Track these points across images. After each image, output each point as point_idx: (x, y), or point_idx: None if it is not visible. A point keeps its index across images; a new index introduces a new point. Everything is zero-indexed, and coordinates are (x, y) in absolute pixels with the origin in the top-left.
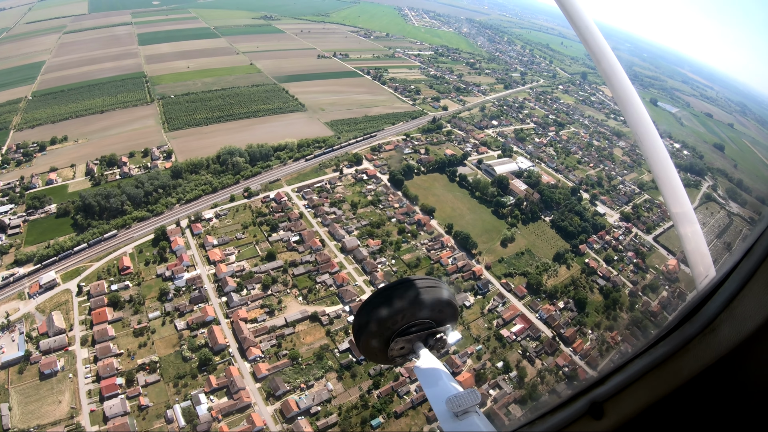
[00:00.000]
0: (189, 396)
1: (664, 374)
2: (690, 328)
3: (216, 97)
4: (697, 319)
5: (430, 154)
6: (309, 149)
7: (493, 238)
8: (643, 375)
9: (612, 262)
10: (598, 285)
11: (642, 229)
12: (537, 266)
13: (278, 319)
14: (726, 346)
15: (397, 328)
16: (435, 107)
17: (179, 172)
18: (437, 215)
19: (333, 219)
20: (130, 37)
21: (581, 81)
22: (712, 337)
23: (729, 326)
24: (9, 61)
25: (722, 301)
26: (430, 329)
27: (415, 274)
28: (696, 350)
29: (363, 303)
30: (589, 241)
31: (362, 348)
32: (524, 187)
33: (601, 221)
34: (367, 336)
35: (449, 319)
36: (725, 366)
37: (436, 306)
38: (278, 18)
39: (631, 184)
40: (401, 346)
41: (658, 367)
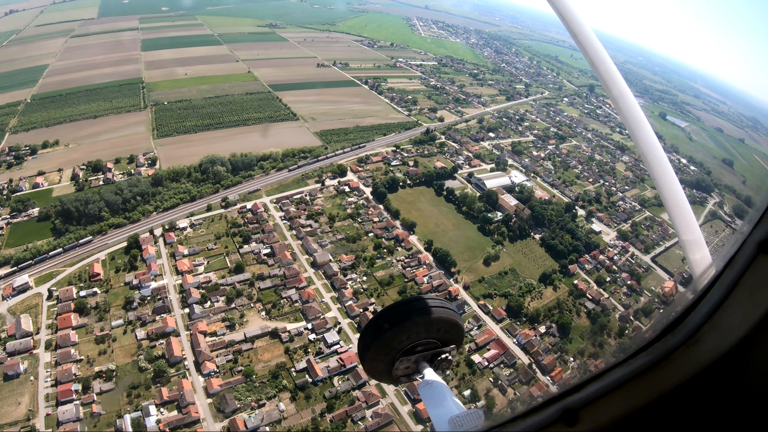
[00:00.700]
0: (140, 407)
1: (643, 384)
2: (672, 339)
3: (209, 104)
4: (680, 330)
5: (419, 166)
6: (294, 159)
7: (475, 256)
8: (622, 384)
9: (604, 283)
10: (586, 308)
11: (640, 249)
12: (520, 287)
13: (238, 333)
14: (709, 357)
15: (402, 348)
16: (431, 118)
17: (160, 180)
18: (418, 231)
19: (308, 232)
20: (134, 42)
21: (588, 94)
22: (696, 349)
23: (712, 338)
24: (14, 63)
25: (705, 312)
26: (435, 349)
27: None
28: (678, 361)
29: (369, 321)
30: (581, 261)
31: (366, 367)
32: (515, 202)
33: (595, 240)
34: (372, 355)
35: (454, 340)
36: (708, 377)
37: (442, 326)
38: (283, 26)
39: (632, 200)
40: (406, 365)
41: (638, 376)
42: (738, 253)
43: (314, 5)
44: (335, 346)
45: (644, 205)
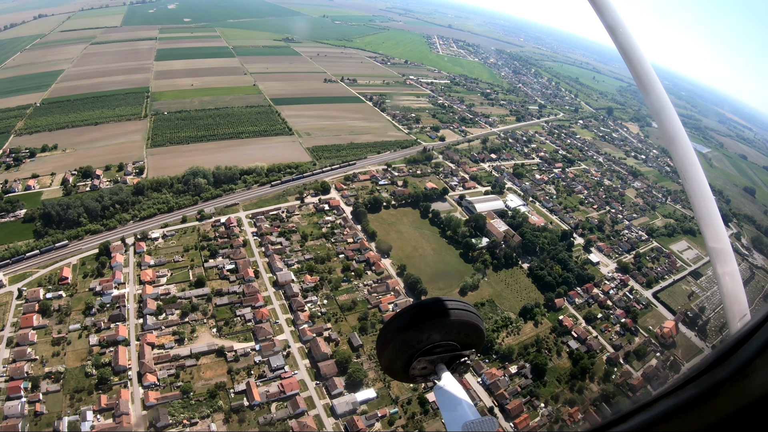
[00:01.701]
0: (79, 411)
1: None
2: (722, 372)
3: (206, 116)
4: (730, 363)
5: (408, 186)
6: (278, 175)
7: (452, 284)
8: (669, 416)
9: (594, 320)
10: (568, 348)
11: (641, 283)
12: (496, 321)
13: (185, 348)
14: (758, 392)
15: (421, 348)
16: (432, 137)
17: (142, 189)
18: (393, 254)
19: (275, 250)
20: (149, 52)
21: (605, 116)
22: (746, 383)
23: (763, 373)
24: (33, 67)
25: (758, 346)
26: (455, 352)
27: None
28: (727, 395)
29: (390, 318)
30: (570, 294)
31: (384, 363)
32: (504, 228)
33: (591, 271)
34: (391, 352)
35: (474, 344)
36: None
37: (463, 329)
38: (299, 41)
39: (639, 229)
40: (423, 366)
41: (686, 409)
42: None
43: (335, 21)
44: (279, 371)
45: (652, 235)
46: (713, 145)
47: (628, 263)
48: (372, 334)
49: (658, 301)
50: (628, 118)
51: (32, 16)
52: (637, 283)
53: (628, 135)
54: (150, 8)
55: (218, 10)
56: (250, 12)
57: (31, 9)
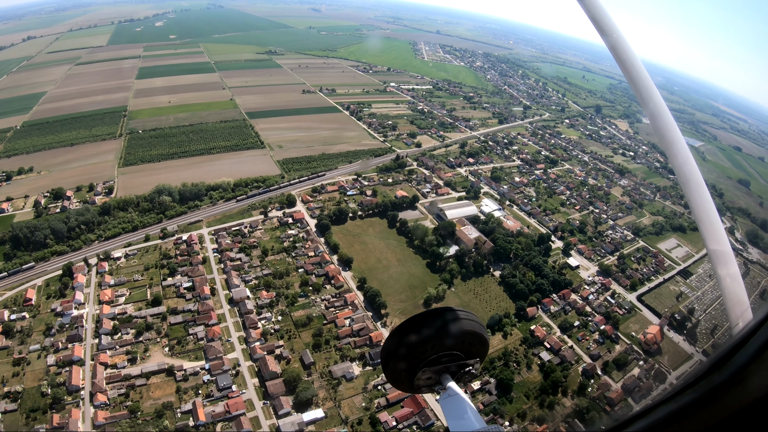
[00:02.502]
0: (32, 430)
1: (689, 423)
2: (718, 377)
3: (180, 132)
4: (727, 368)
5: (377, 195)
6: (244, 189)
7: (415, 296)
8: (667, 423)
9: (570, 329)
10: (540, 360)
11: (625, 286)
12: None
13: (136, 368)
14: (754, 396)
15: (425, 358)
16: (408, 144)
17: (108, 209)
18: (355, 267)
19: (234, 266)
20: (131, 70)
21: (593, 115)
22: (742, 387)
23: (759, 377)
24: (17, 90)
25: (753, 350)
26: (459, 361)
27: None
28: (724, 400)
29: (394, 329)
30: (545, 302)
31: (388, 374)
32: (475, 234)
33: (569, 276)
34: (395, 363)
35: (479, 353)
36: (753, 416)
37: (467, 339)
38: (281, 53)
39: (624, 229)
40: (428, 376)
41: (683, 414)
42: None
43: (321, 32)
44: (226, 390)
45: (638, 234)
46: (706, 138)
47: (610, 266)
48: (325, 350)
49: (642, 304)
50: (617, 116)
51: (21, 38)
52: (620, 287)
53: (616, 132)
54: (137, 26)
55: (204, 26)
56: (236, 26)
57: (20, 31)
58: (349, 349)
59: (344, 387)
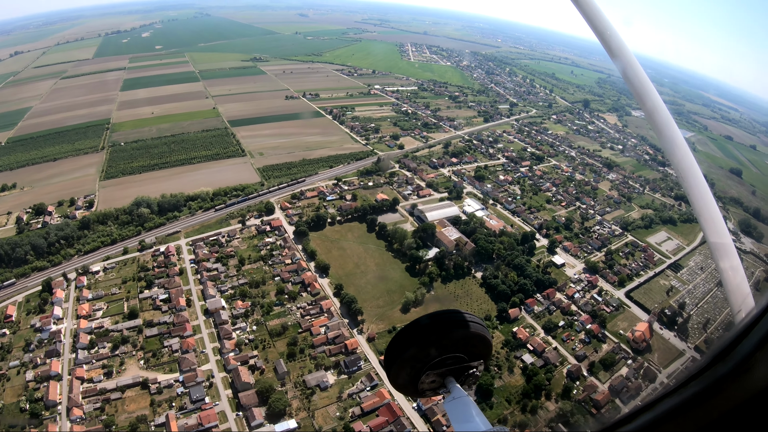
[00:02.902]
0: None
1: (695, 414)
2: (723, 368)
3: (162, 143)
4: (732, 358)
5: (357, 200)
6: (223, 198)
7: (393, 301)
8: (673, 415)
9: (554, 329)
10: (522, 363)
11: (612, 282)
12: None
13: (112, 381)
14: (760, 386)
15: (429, 361)
16: (390, 146)
17: (87, 223)
18: (332, 273)
19: (210, 276)
20: (116, 82)
21: (581, 109)
22: (747, 377)
23: (764, 366)
24: (3, 106)
25: (758, 339)
26: (463, 364)
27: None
28: (729, 390)
29: (396, 334)
30: (528, 302)
31: (392, 379)
32: (456, 236)
33: (555, 275)
34: (398, 368)
35: (482, 355)
36: (759, 407)
37: (470, 341)
38: (266, 60)
39: (612, 223)
40: (432, 379)
41: (689, 406)
42: None
43: (308, 37)
44: (199, 402)
45: (627, 229)
46: (697, 128)
47: (597, 262)
48: (300, 359)
49: (631, 301)
50: (606, 109)
51: (9, 53)
52: (607, 283)
53: (605, 126)
54: (124, 38)
55: (191, 35)
56: (223, 35)
57: (8, 47)
58: (324, 358)
59: (318, 396)
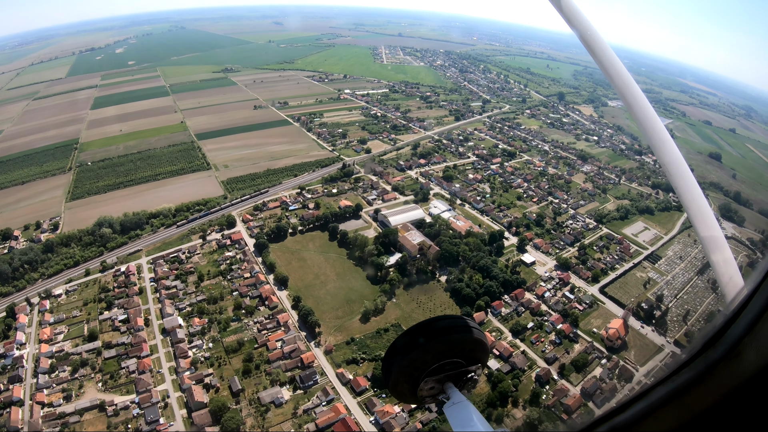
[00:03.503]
0: None
1: (688, 400)
2: (714, 353)
3: (128, 161)
4: (721, 344)
5: (320, 208)
6: (185, 214)
7: (353, 311)
8: (666, 402)
9: (523, 332)
10: (487, 369)
11: (586, 278)
12: None
13: (70, 405)
14: (751, 370)
15: (427, 368)
16: (357, 150)
17: (51, 246)
18: (292, 285)
19: (169, 294)
20: (87, 101)
21: (556, 103)
22: (737, 362)
23: (754, 350)
24: None
25: (746, 323)
26: (461, 369)
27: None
28: (721, 376)
29: (392, 343)
30: (494, 305)
31: (391, 388)
32: (419, 240)
33: (524, 274)
34: (397, 376)
35: (480, 359)
36: (751, 389)
37: (466, 346)
38: (238, 70)
39: (587, 217)
40: (431, 386)
41: (681, 394)
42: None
43: (281, 45)
44: (154, 424)
45: (602, 221)
46: (675, 115)
47: (569, 258)
48: (256, 376)
49: (606, 296)
50: (581, 101)
51: None
52: (580, 280)
53: (580, 118)
54: (98, 55)
55: (164, 49)
56: (196, 47)
57: None
58: (280, 373)
59: (273, 413)
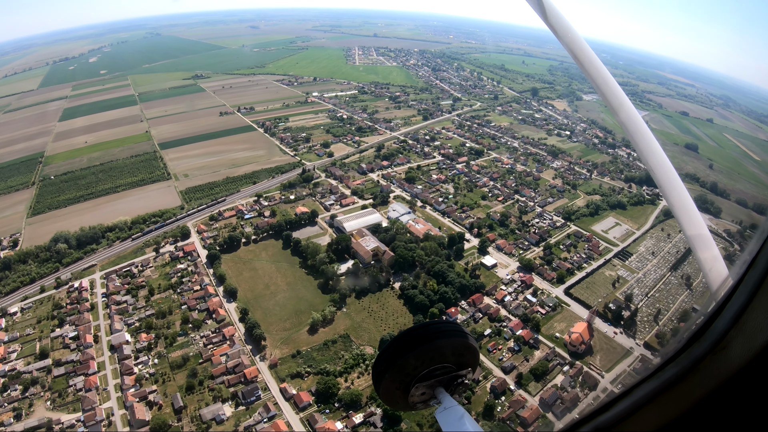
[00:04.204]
0: None
1: (674, 397)
2: (699, 348)
3: (90, 174)
4: (707, 337)
5: (276, 215)
6: (141, 226)
7: (301, 322)
8: (652, 399)
9: (479, 340)
10: None
11: (550, 279)
12: (347, 359)
13: (20, 424)
14: (738, 362)
15: (417, 374)
16: (320, 155)
17: (8, 264)
18: (240, 296)
19: (119, 309)
20: (56, 113)
21: (529, 98)
22: (724, 355)
23: (740, 342)
24: None
25: (731, 316)
26: (451, 373)
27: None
28: (707, 370)
29: (382, 350)
30: (449, 312)
31: (382, 395)
32: (373, 245)
33: (485, 277)
34: (387, 383)
35: (470, 363)
36: (739, 383)
37: (456, 350)
38: (208, 76)
39: (555, 214)
40: (422, 391)
41: (667, 390)
42: (760, 252)
43: (254, 49)
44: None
45: (571, 218)
46: (651, 107)
47: (533, 259)
48: (199, 392)
49: (571, 298)
50: (555, 96)
51: None
52: (545, 281)
53: (553, 113)
54: (72, 65)
55: (137, 57)
56: (169, 54)
57: None
58: (222, 389)
59: (214, 430)
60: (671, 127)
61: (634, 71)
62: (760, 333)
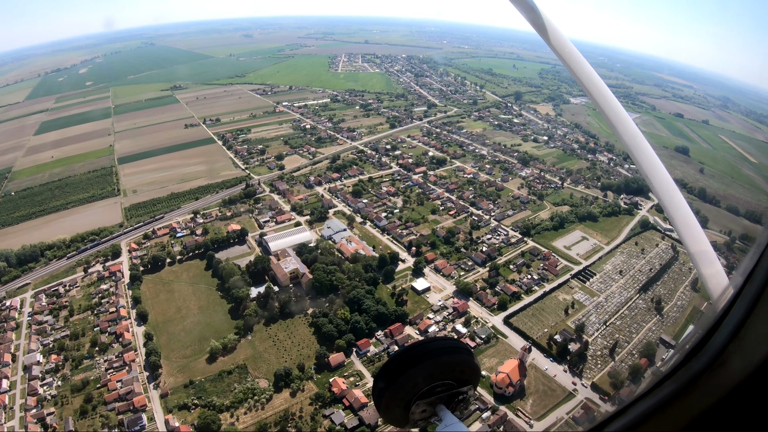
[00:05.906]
0: None
1: (671, 414)
2: (697, 364)
3: (46, 190)
4: (705, 353)
5: (209, 233)
6: (78, 244)
7: (202, 350)
8: (648, 417)
9: None
10: (331, 422)
11: (490, 306)
12: (239, 392)
13: None
14: (737, 378)
15: (417, 391)
16: (271, 168)
17: None
18: (151, 320)
19: (38, 329)
20: (33, 126)
21: (511, 103)
22: (722, 371)
23: (739, 357)
24: None
25: (728, 332)
26: (452, 390)
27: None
28: (706, 386)
29: (382, 367)
30: (359, 344)
31: (383, 413)
32: (291, 267)
33: (414, 303)
34: (387, 401)
35: (471, 380)
36: (737, 400)
37: (456, 367)
38: (186, 87)
39: (512, 229)
40: (423, 409)
41: (665, 407)
42: (757, 267)
43: (240, 58)
44: None
45: (530, 233)
46: (643, 109)
47: (475, 282)
48: (91, 417)
49: (510, 328)
50: (541, 100)
51: None
52: (483, 308)
53: (534, 117)
54: (61, 76)
55: (125, 68)
56: (157, 64)
57: None
58: (111, 416)
59: None
60: (662, 130)
61: (631, 73)
62: (758, 348)
